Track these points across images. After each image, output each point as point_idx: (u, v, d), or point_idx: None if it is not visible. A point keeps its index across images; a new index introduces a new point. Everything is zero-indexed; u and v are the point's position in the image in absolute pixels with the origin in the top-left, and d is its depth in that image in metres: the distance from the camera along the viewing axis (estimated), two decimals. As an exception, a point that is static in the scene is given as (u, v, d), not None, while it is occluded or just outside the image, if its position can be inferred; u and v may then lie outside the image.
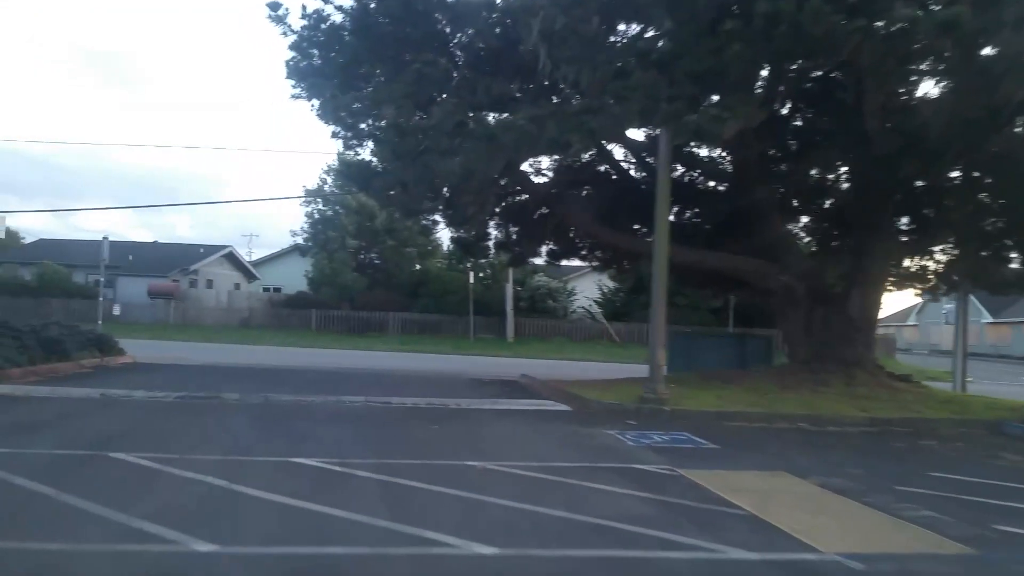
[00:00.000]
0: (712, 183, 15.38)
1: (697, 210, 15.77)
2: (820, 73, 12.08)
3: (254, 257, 49.97)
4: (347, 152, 15.29)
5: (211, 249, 39.62)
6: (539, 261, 19.47)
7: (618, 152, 16.34)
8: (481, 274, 33.54)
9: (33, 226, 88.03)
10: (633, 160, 16.00)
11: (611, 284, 36.57)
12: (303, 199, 36.40)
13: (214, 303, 34.34)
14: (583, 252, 17.85)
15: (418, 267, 37.38)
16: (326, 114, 13.30)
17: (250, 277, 43.93)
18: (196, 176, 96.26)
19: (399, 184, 12.00)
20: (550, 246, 17.22)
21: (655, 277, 10.55)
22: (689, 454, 7.25)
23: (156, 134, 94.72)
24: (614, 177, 16.34)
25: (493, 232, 17.62)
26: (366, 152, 14.77)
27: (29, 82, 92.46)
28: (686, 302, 30.68)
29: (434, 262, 38.29)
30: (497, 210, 16.27)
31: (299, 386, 12.00)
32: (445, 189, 12.92)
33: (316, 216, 37.15)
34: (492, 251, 18.39)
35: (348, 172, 13.34)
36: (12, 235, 53.97)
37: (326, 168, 37.18)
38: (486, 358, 24.71)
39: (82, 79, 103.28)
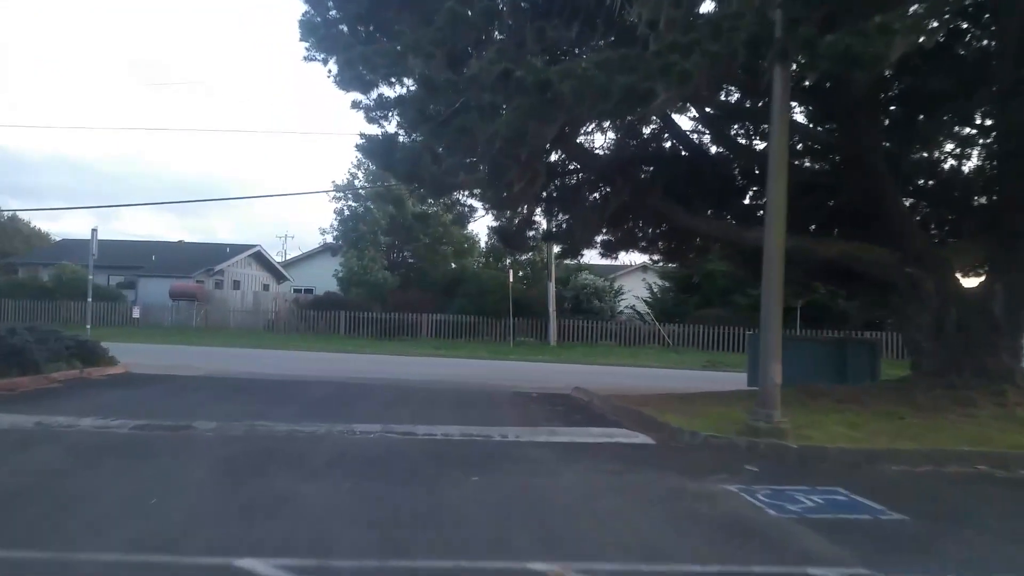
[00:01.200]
0: (813, 161, 12.65)
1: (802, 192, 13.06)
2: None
3: (288, 257, 48.36)
4: (370, 127, 12.90)
5: (237, 248, 37.82)
6: (591, 255, 16.99)
7: (685, 124, 13.80)
8: (520, 272, 31.07)
9: (74, 230, 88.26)
10: (706, 130, 13.37)
11: (659, 283, 33.86)
12: (332, 192, 34.33)
13: (239, 305, 32.44)
14: (643, 243, 15.20)
15: (453, 266, 35.07)
16: (343, 75, 10.95)
17: (280, 278, 42.11)
18: (235, 180, 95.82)
19: (428, 153, 9.56)
20: (606, 236, 14.64)
21: (768, 267, 7.91)
22: (873, 535, 4.63)
23: (195, 138, 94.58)
24: (683, 154, 13.75)
25: (540, 221, 15.16)
26: (391, 126, 12.42)
27: (74, 89, 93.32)
28: (747, 301, 27.79)
29: (471, 260, 35.95)
30: (544, 193, 13.80)
31: (306, 406, 9.66)
32: (483, 167, 10.48)
33: (346, 212, 35.07)
34: (538, 242, 15.85)
35: (369, 147, 10.95)
36: (42, 237, 53.25)
37: (355, 162, 35.14)
38: (528, 364, 22.25)
39: (124, 85, 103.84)
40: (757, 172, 12.97)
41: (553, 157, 11.53)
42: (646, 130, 13.54)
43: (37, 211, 79.45)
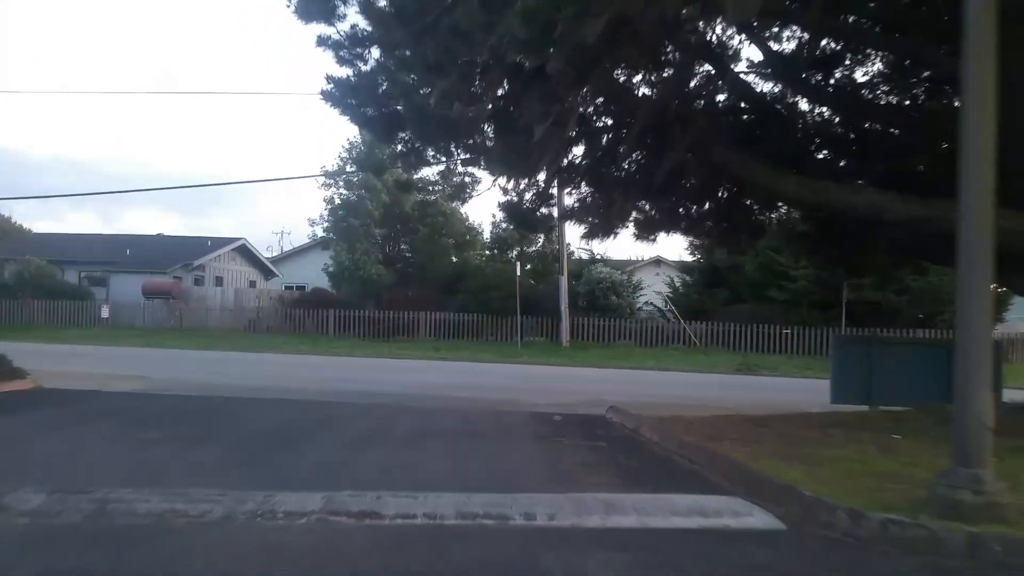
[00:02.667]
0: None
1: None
2: None
3: (280, 252, 45.26)
4: (341, 70, 9.82)
5: (220, 242, 34.74)
6: (610, 245, 13.94)
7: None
8: (528, 266, 28.04)
9: (78, 229, 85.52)
10: (767, 69, 10.26)
11: (679, 276, 30.77)
12: (321, 176, 31.25)
13: (219, 303, 29.39)
14: (688, 222, 12.06)
15: (454, 260, 32.00)
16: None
17: (268, 274, 39.04)
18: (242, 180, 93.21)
19: (407, 75, 6.47)
20: (645, 211, 11.53)
21: (968, 245, 4.71)
22: None
23: (195, 139, 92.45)
24: (742, 106, 10.69)
25: (562, 197, 12.10)
26: (368, 65, 9.36)
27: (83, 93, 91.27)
28: (786, 297, 24.69)
29: (473, 254, 32.88)
30: (566, 161, 10.75)
31: (233, 447, 6.59)
32: (488, 97, 7.43)
33: (337, 201, 32.03)
34: (554, 223, 12.80)
35: (337, 92, 7.99)
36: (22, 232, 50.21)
37: (347, 145, 32.03)
38: (538, 368, 19.21)
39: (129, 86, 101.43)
40: (850, 129, 9.89)
41: (586, 92, 8.42)
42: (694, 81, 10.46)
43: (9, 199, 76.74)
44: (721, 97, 10.75)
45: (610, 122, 10.49)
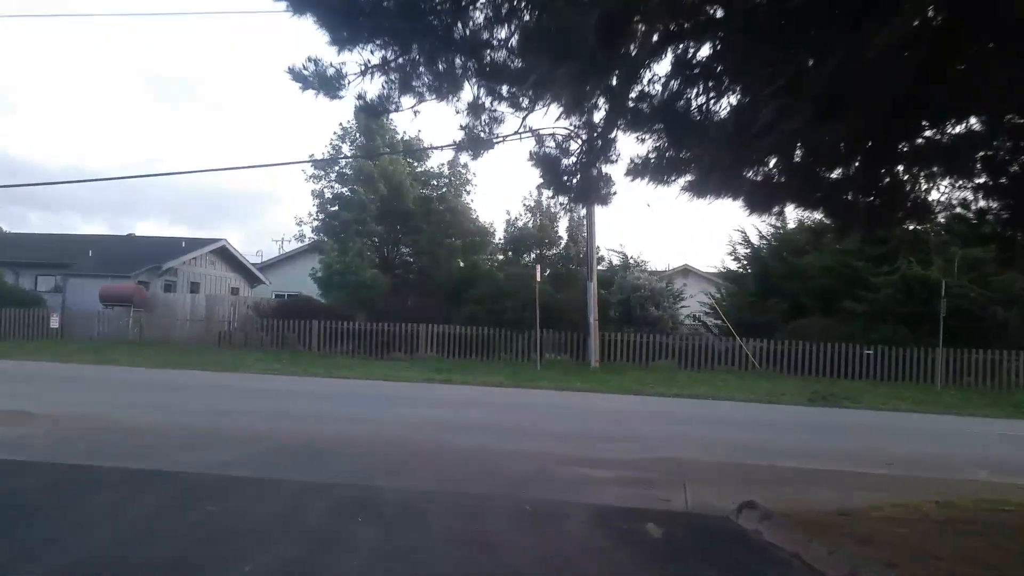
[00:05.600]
0: None
1: None
2: None
3: (271, 258, 41.12)
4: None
5: (196, 243, 30.56)
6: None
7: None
8: (548, 271, 23.79)
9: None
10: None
11: (721, 285, 26.45)
12: (310, 169, 27.09)
13: (188, 312, 25.21)
14: (799, 187, 7.68)
15: (462, 264, 27.77)
16: None
17: (254, 281, 34.87)
18: (247, 188, 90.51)
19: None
20: (764, 171, 7.18)
21: None
22: None
23: (208, 147, 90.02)
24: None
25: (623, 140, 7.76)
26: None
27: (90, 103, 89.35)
28: (865, 309, 20.28)
29: (484, 257, 28.64)
30: (636, 90, 6.53)
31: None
32: None
33: (328, 196, 27.91)
34: (611, 188, 8.44)
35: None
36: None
37: (339, 132, 27.86)
38: (566, 397, 15.04)
39: (140, 100, 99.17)
40: None
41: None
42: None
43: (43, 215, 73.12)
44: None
45: (720, 13, 6.23)
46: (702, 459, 7.99)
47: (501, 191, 71.44)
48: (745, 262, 25.81)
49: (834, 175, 7.17)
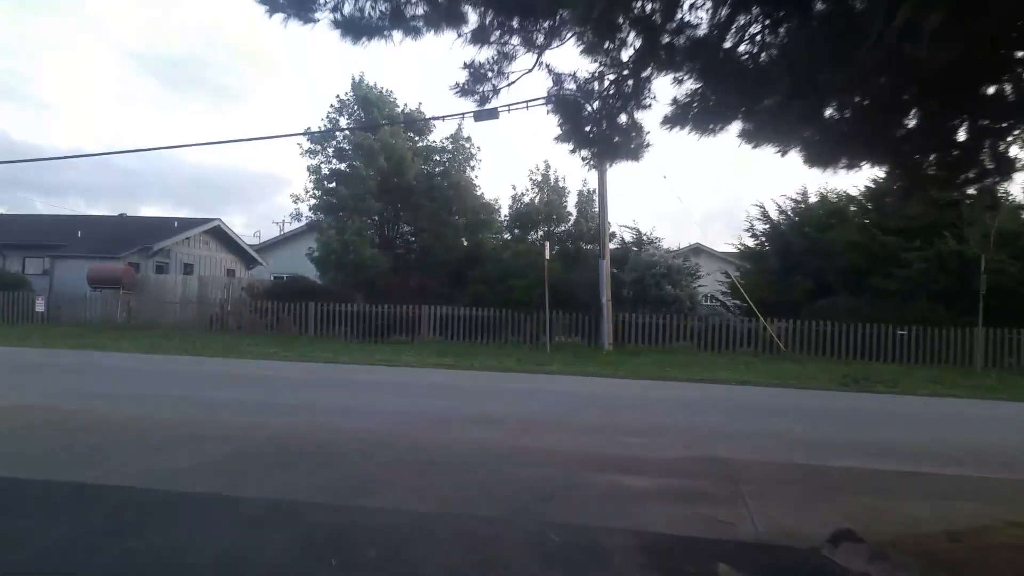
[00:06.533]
0: None
1: None
2: None
3: (270, 238, 39.82)
4: None
5: (189, 223, 29.28)
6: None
7: None
8: (557, 248, 22.47)
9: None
10: None
11: (737, 264, 25.06)
12: (307, 136, 25.68)
13: (180, 294, 23.99)
14: (880, 143, 6.37)
15: (466, 243, 26.46)
16: None
17: (250, 262, 33.61)
18: (252, 174, 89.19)
19: None
20: (823, 120, 5.86)
21: None
22: None
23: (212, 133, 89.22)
24: None
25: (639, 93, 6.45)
26: None
27: (92, 88, 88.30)
28: (897, 287, 18.93)
29: (489, 236, 27.32)
30: (676, 20, 5.22)
31: None
32: None
33: (325, 172, 26.55)
34: (640, 141, 7.12)
35: None
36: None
37: (336, 104, 26.45)
38: (579, 383, 13.76)
39: (139, 83, 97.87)
40: None
41: None
42: None
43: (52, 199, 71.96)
44: None
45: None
46: (749, 458, 6.77)
47: (506, 167, 69.95)
48: (764, 239, 24.37)
49: (910, 123, 5.82)
